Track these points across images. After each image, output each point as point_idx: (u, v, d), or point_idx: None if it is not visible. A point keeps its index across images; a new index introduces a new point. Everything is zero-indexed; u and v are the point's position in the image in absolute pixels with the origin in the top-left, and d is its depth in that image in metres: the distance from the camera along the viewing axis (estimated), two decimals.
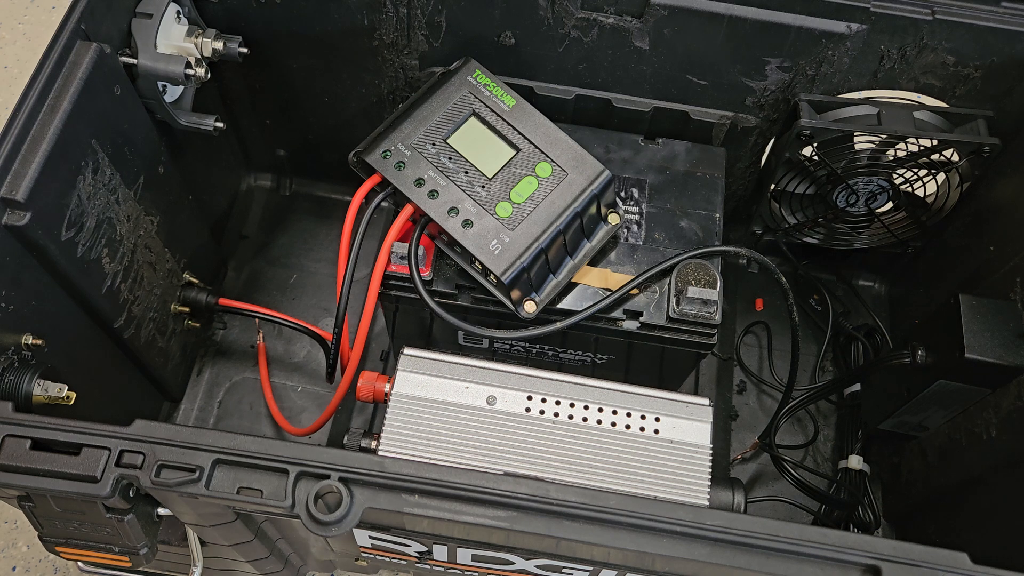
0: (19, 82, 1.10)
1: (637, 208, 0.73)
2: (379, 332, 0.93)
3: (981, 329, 0.67)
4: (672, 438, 0.63)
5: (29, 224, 0.56)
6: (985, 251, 0.77)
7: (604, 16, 0.72)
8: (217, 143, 0.88)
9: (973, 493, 0.73)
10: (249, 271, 0.97)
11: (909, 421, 0.79)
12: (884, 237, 0.85)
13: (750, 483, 0.88)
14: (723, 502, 0.63)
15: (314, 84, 0.84)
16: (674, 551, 0.49)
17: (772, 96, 0.76)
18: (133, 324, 0.72)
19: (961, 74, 0.72)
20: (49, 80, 0.59)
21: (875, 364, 0.84)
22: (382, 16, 0.75)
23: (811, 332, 0.95)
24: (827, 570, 0.48)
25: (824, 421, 0.91)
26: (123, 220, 0.68)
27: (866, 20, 0.69)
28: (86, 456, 0.48)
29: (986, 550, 0.51)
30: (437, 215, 0.65)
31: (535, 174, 0.66)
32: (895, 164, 0.75)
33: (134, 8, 0.67)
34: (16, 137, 0.56)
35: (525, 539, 0.52)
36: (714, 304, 0.68)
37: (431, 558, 0.63)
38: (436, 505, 0.49)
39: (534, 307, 0.67)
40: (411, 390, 0.63)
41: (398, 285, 0.71)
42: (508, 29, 0.74)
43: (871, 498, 0.82)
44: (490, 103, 0.68)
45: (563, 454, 0.62)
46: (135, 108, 0.68)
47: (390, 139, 0.66)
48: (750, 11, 0.70)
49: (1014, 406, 0.67)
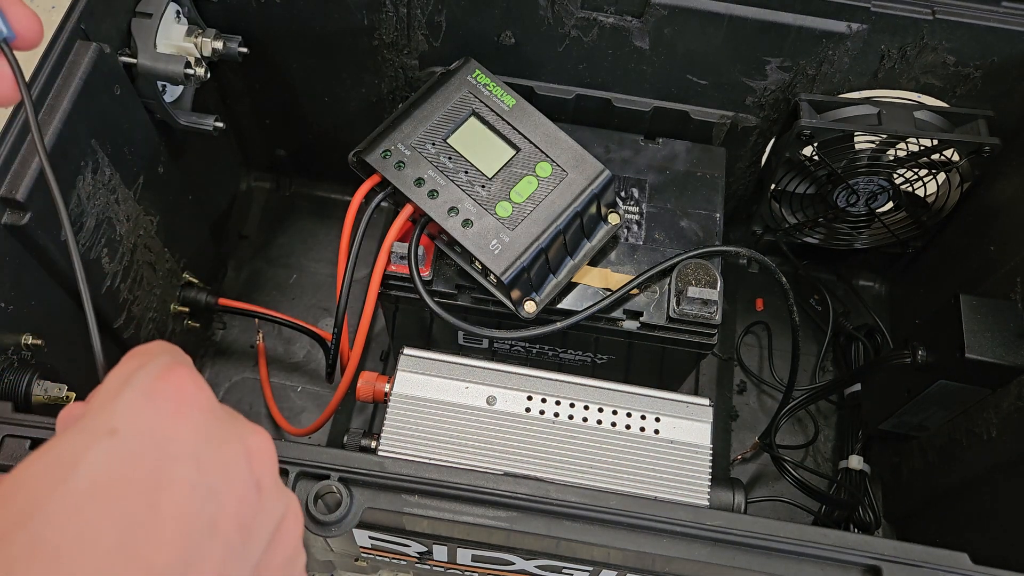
0: None
1: (637, 208, 0.73)
2: (379, 332, 0.92)
3: (981, 329, 0.67)
4: (672, 438, 0.63)
5: (29, 224, 0.56)
6: (985, 251, 0.77)
7: (604, 16, 0.71)
8: (217, 143, 0.88)
9: (973, 493, 0.73)
10: (249, 271, 0.96)
11: (909, 421, 0.79)
12: (884, 237, 0.85)
13: (750, 483, 0.88)
14: (723, 502, 0.63)
15: (314, 84, 0.84)
16: (674, 551, 0.49)
17: (772, 96, 0.76)
18: (133, 324, 0.72)
19: (961, 74, 0.72)
20: (49, 80, 0.58)
21: (875, 364, 0.84)
22: (382, 16, 0.75)
23: (811, 332, 0.95)
24: (827, 570, 0.48)
25: (824, 421, 0.91)
26: (123, 220, 0.68)
27: (866, 20, 0.69)
28: None
29: (986, 550, 0.51)
30: (437, 215, 0.65)
31: (535, 174, 0.66)
32: (895, 164, 0.75)
33: (134, 8, 0.67)
34: (16, 137, 0.56)
35: (525, 539, 0.52)
36: (714, 304, 0.68)
37: (431, 558, 0.63)
38: (436, 505, 0.49)
39: (534, 307, 0.67)
40: (411, 390, 0.63)
41: (398, 285, 0.71)
42: (508, 29, 0.74)
43: (871, 498, 0.82)
44: (490, 103, 0.68)
45: (563, 454, 0.62)
46: (135, 108, 0.68)
47: (390, 139, 0.66)
48: (750, 11, 0.70)
49: (1014, 406, 0.67)
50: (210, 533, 0.28)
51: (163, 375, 0.29)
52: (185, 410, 0.29)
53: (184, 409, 0.29)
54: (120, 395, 0.28)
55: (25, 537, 0.25)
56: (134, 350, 0.32)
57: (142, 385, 0.28)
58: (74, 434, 0.27)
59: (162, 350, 0.31)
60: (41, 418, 0.49)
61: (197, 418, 0.29)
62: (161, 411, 0.28)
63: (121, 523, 0.26)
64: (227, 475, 0.29)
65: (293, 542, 0.33)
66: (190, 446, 0.28)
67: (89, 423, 0.27)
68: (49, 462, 0.26)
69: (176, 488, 0.27)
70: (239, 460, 0.30)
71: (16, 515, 0.25)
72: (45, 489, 0.26)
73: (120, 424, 0.27)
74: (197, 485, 0.28)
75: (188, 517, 0.27)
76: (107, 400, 0.28)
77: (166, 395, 0.29)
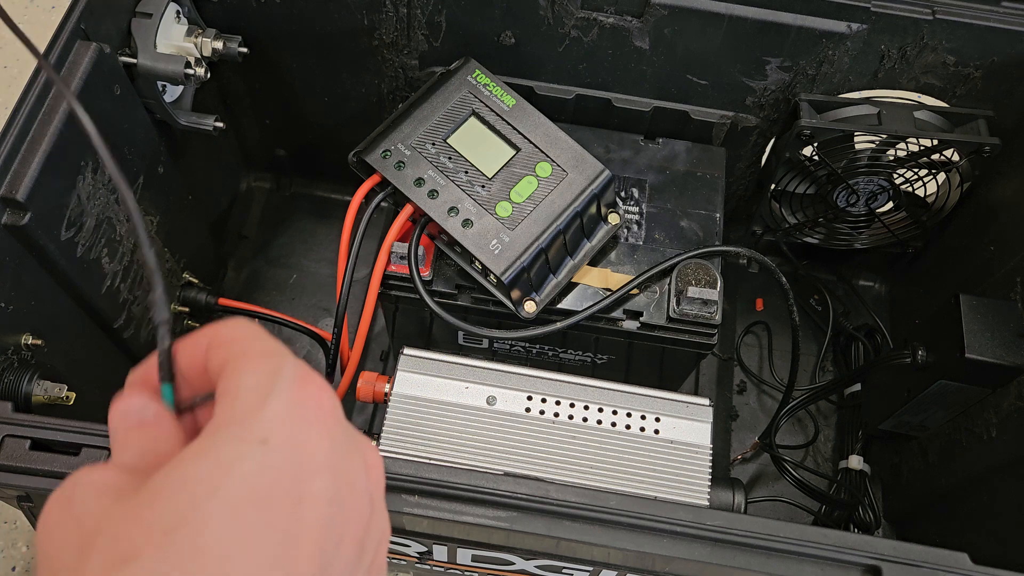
0: (19, 82, 1.10)
1: (637, 208, 0.73)
2: (379, 332, 0.92)
3: (981, 329, 0.67)
4: (672, 438, 0.63)
5: (29, 224, 0.56)
6: (985, 251, 0.77)
7: (604, 16, 0.71)
8: (217, 143, 0.88)
9: (973, 493, 0.73)
10: (249, 271, 0.96)
11: (909, 421, 0.79)
12: (884, 237, 0.85)
13: (750, 483, 0.88)
14: (723, 502, 0.63)
15: (314, 84, 0.84)
16: (674, 551, 0.49)
17: (772, 96, 0.76)
18: (133, 324, 0.72)
19: (961, 74, 0.72)
20: (49, 80, 0.59)
21: (875, 364, 0.84)
22: (382, 16, 0.75)
23: (811, 332, 0.95)
24: (827, 570, 0.48)
25: (824, 421, 0.91)
26: (123, 220, 0.68)
27: (866, 20, 0.69)
28: (86, 456, 0.48)
29: (986, 550, 0.52)
30: (437, 215, 0.65)
31: (535, 174, 0.66)
32: (895, 164, 0.75)
33: (134, 8, 0.67)
34: (16, 137, 0.56)
35: (525, 539, 0.52)
36: (714, 304, 0.68)
37: (431, 558, 0.63)
38: (436, 505, 0.49)
39: (534, 307, 0.67)
40: (411, 390, 0.63)
41: (398, 285, 0.71)
42: (508, 29, 0.74)
43: (871, 498, 0.82)
44: (490, 103, 0.68)
45: (563, 454, 0.62)
46: (135, 108, 0.68)
47: (390, 139, 0.66)
48: (750, 11, 0.70)
49: (1014, 406, 0.67)
50: (337, 546, 0.28)
51: (303, 383, 0.29)
52: (323, 420, 0.29)
53: (322, 419, 0.29)
54: (267, 404, 0.28)
55: (187, 537, 0.25)
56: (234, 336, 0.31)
57: (286, 394, 0.29)
58: (226, 440, 0.28)
59: (272, 342, 0.32)
60: (41, 418, 0.49)
61: (332, 430, 0.30)
62: (304, 421, 0.29)
63: (274, 532, 0.26)
64: (353, 488, 0.30)
65: (385, 557, 0.34)
66: (326, 459, 0.29)
67: (239, 431, 0.28)
68: (208, 464, 0.27)
69: (316, 500, 0.28)
70: (360, 473, 0.30)
71: (177, 514, 0.26)
72: (204, 492, 0.26)
73: (269, 434, 0.28)
74: (332, 499, 0.28)
75: (324, 530, 0.28)
76: (255, 408, 0.28)
77: (307, 405, 0.29)
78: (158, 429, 0.31)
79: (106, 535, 0.26)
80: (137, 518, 0.26)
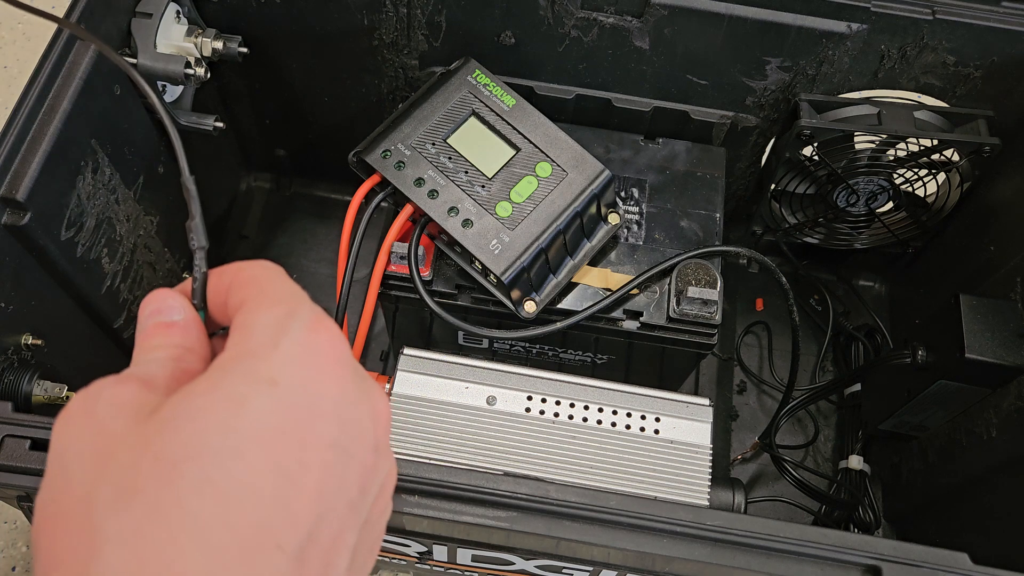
0: (19, 82, 1.10)
1: (637, 208, 0.73)
2: (379, 332, 0.92)
3: (981, 329, 0.67)
4: (672, 438, 0.63)
5: (29, 224, 0.56)
6: (985, 251, 0.77)
7: (604, 16, 0.71)
8: (217, 143, 0.88)
9: (973, 493, 0.73)
10: None
11: (909, 421, 0.79)
12: (884, 237, 0.85)
13: (750, 483, 0.88)
14: (723, 502, 0.63)
15: (314, 84, 0.84)
16: (674, 551, 0.49)
17: (772, 96, 0.76)
18: (133, 324, 0.72)
19: (961, 74, 0.72)
20: (49, 80, 0.59)
21: (875, 364, 0.84)
22: (382, 16, 0.75)
23: (811, 332, 0.95)
24: (827, 570, 0.48)
25: (824, 421, 0.91)
26: (123, 220, 0.68)
27: (866, 20, 0.69)
28: None
29: (986, 550, 0.51)
30: (437, 215, 0.65)
31: (535, 174, 0.66)
32: (895, 164, 0.75)
33: (133, 8, 0.67)
34: (16, 137, 0.56)
35: (525, 539, 0.52)
36: (714, 304, 0.68)
37: (431, 558, 0.63)
38: (436, 505, 0.49)
39: (534, 307, 0.67)
40: (411, 390, 0.63)
41: (398, 285, 0.71)
42: (508, 29, 0.74)
43: (871, 498, 0.82)
44: (490, 103, 0.68)
45: (563, 454, 0.62)
46: (135, 108, 0.68)
47: (390, 139, 0.66)
48: (750, 11, 0.70)
49: (1014, 406, 0.67)
50: (339, 490, 0.29)
51: (315, 327, 0.30)
52: (333, 366, 0.30)
53: (332, 365, 0.30)
54: (279, 345, 0.29)
55: (195, 471, 0.26)
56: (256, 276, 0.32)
57: (299, 337, 0.29)
58: (237, 377, 0.28)
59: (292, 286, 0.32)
60: (41, 418, 0.49)
61: (342, 376, 0.30)
62: (314, 366, 0.29)
63: (277, 473, 0.27)
64: (358, 436, 0.30)
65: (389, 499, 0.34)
66: (334, 404, 0.29)
67: (250, 368, 0.28)
68: (216, 399, 0.27)
69: (321, 445, 0.28)
70: (367, 421, 0.31)
71: (185, 448, 0.26)
72: (213, 427, 0.26)
73: (279, 376, 0.28)
74: (336, 444, 0.29)
75: (326, 474, 0.28)
76: (267, 348, 0.29)
77: (319, 349, 0.30)
78: (186, 335, 0.32)
79: (119, 460, 0.26)
80: (147, 446, 0.26)
